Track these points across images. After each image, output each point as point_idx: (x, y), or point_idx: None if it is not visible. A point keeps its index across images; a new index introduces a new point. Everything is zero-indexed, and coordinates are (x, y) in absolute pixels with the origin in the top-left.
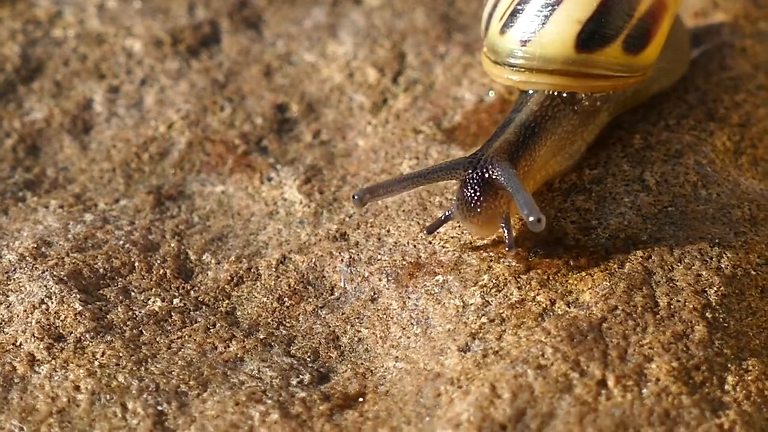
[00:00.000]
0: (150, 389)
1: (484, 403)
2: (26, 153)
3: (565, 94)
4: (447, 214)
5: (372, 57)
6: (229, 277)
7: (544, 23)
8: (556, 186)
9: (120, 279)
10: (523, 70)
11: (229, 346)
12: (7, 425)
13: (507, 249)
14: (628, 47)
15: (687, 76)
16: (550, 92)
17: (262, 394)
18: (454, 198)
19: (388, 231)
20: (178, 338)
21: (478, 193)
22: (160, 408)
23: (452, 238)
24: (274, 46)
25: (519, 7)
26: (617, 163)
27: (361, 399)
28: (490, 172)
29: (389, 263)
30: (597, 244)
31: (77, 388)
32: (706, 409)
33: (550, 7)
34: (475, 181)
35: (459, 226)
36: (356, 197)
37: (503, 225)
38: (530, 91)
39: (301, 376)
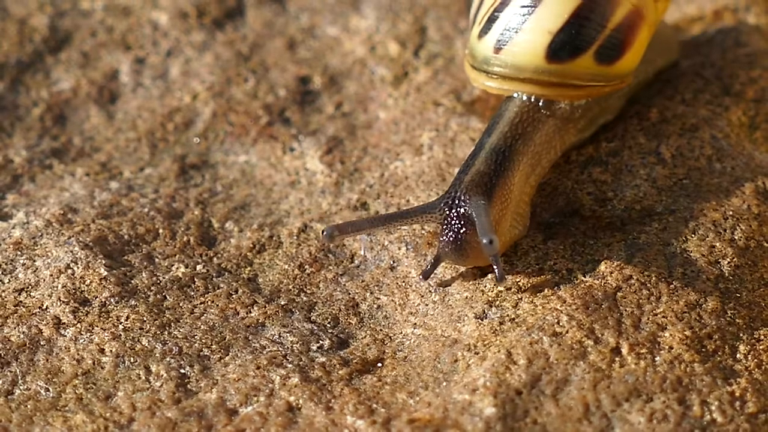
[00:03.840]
0: (173, 353)
1: (500, 369)
2: (53, 122)
3: (541, 102)
4: (437, 255)
5: (394, 31)
6: (251, 245)
7: (516, 32)
8: (573, 158)
9: (144, 245)
10: (496, 77)
11: (250, 312)
12: (34, 386)
13: (497, 281)
14: (600, 58)
15: (705, 53)
16: (525, 102)
17: (282, 358)
18: (438, 241)
19: (408, 200)
20: (200, 303)
21: (460, 234)
22: (182, 371)
23: None
24: (298, 19)
25: (495, 14)
26: (634, 136)
27: (379, 364)
28: (465, 209)
29: (408, 232)
30: (613, 215)
31: (102, 351)
32: (718, 376)
33: (523, 16)
34: (454, 222)
35: None
36: (326, 233)
37: (491, 257)
38: (502, 108)
39: (321, 342)
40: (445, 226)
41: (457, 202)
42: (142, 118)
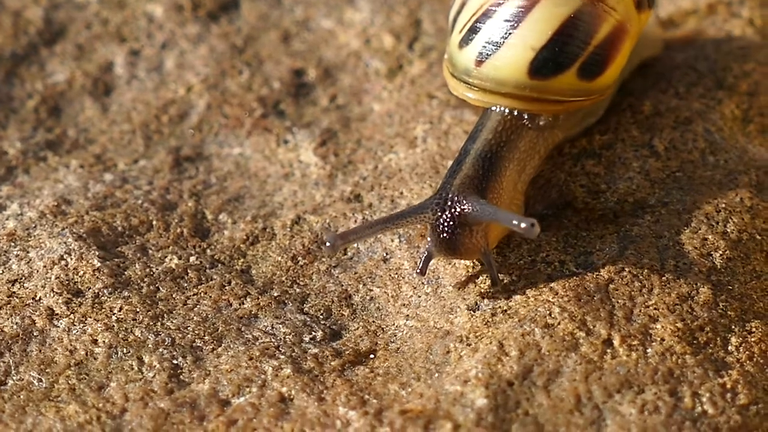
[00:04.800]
0: (166, 343)
1: (492, 360)
2: (48, 114)
3: (525, 114)
4: (428, 252)
5: (388, 24)
6: (244, 237)
7: (499, 46)
8: (566, 150)
9: (138, 237)
10: (477, 89)
11: (243, 303)
12: (27, 376)
13: (492, 286)
14: (583, 74)
15: (698, 46)
16: (506, 113)
17: (275, 349)
18: (429, 239)
19: (401, 193)
20: (194, 295)
21: (454, 235)
22: (175, 362)
23: None
24: (293, 12)
25: (478, 24)
26: (627, 128)
27: (372, 355)
28: (461, 209)
29: None
30: (606, 208)
31: (95, 342)
32: (710, 368)
33: (506, 31)
34: (448, 223)
35: None
36: (328, 243)
37: (484, 260)
38: (484, 116)
39: (313, 333)
40: (437, 227)
41: (449, 203)
42: (136, 111)
